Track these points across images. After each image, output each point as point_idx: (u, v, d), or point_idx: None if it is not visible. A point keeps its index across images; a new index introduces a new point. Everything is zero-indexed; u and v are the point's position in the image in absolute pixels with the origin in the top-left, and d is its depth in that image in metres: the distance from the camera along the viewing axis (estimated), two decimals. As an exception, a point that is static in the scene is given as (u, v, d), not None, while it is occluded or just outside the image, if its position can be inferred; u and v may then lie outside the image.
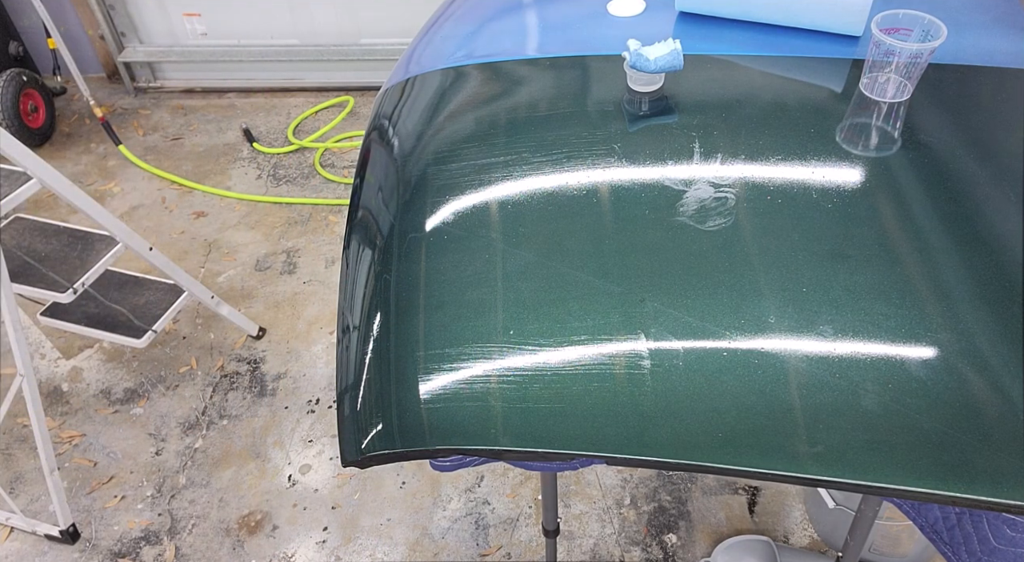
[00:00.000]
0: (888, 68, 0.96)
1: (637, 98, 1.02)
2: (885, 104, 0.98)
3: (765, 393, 0.74)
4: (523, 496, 1.81)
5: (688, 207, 0.88)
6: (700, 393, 0.74)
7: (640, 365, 0.76)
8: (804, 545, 1.69)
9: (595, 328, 0.79)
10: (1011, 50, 1.05)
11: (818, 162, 0.91)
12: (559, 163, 0.95)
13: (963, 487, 0.68)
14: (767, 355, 0.76)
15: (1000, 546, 0.93)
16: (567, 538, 1.72)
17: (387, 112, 1.12)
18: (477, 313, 0.82)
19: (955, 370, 0.73)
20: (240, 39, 3.02)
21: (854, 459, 0.70)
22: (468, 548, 1.72)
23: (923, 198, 0.87)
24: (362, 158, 1.07)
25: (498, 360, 0.79)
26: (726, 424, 0.73)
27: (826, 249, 0.82)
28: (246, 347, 2.23)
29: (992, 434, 0.69)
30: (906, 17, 0.96)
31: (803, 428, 0.72)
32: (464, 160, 0.98)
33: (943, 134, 0.94)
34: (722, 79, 1.05)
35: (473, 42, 1.18)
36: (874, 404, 0.72)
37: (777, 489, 1.79)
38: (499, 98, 1.07)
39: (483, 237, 0.89)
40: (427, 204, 0.95)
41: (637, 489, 1.80)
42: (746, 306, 0.79)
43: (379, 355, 0.81)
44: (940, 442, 0.70)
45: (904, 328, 0.76)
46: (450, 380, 0.79)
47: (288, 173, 2.76)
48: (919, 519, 1.04)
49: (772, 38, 1.09)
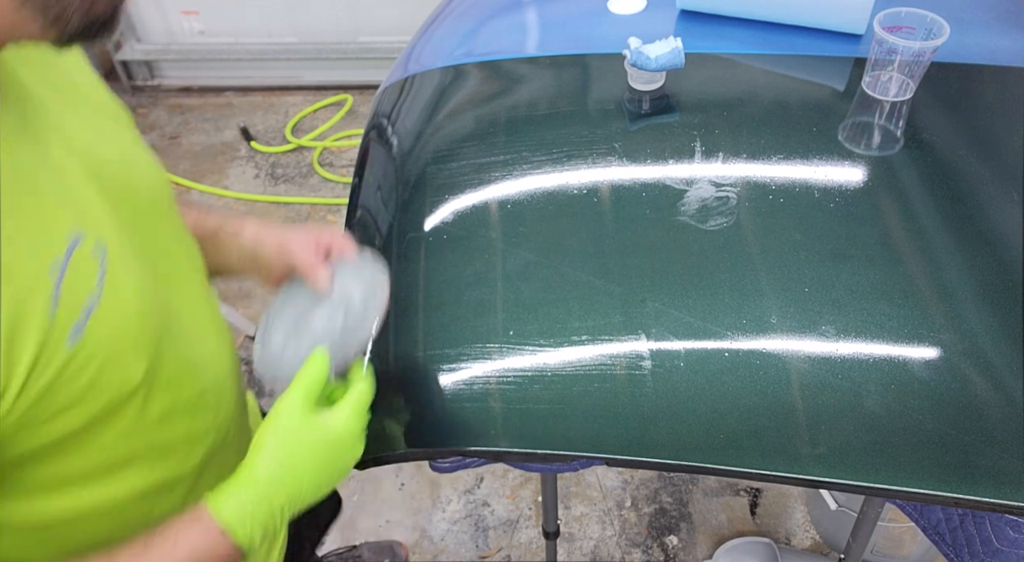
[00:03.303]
0: (890, 66, 0.95)
1: (638, 96, 1.02)
2: (887, 103, 0.97)
3: (767, 394, 0.73)
4: (523, 498, 1.80)
5: (689, 206, 0.87)
6: (701, 394, 0.74)
7: (641, 366, 0.76)
8: (806, 547, 1.69)
9: (596, 328, 0.78)
10: (1014, 48, 1.04)
11: (820, 161, 0.90)
12: (559, 162, 0.94)
13: (966, 488, 0.67)
14: (769, 356, 0.75)
15: (1003, 548, 0.92)
16: (567, 540, 1.71)
17: (386, 111, 1.12)
18: (477, 313, 0.82)
19: (958, 371, 0.73)
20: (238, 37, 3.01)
21: (856, 460, 0.70)
22: (468, 550, 1.71)
23: (926, 197, 0.86)
24: (361, 157, 1.07)
25: (498, 360, 0.78)
26: (728, 425, 0.72)
27: (828, 249, 0.82)
28: (244, 348, 2.22)
29: (995, 435, 0.69)
30: (908, 15, 0.95)
31: (805, 429, 0.71)
32: (464, 159, 0.98)
33: (946, 133, 0.93)
34: (723, 77, 1.04)
35: (473, 40, 1.17)
36: (876, 405, 0.72)
37: (779, 491, 1.78)
38: (499, 97, 1.07)
39: (483, 237, 0.88)
40: (426, 203, 0.94)
41: (638, 491, 1.80)
42: (748, 306, 0.78)
43: (378, 356, 0.80)
44: (943, 443, 0.69)
45: (907, 329, 0.75)
46: (449, 381, 0.78)
47: (286, 172, 2.76)
48: (921, 521, 1.04)
49: (774, 36, 1.09)
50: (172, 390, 0.61)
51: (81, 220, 0.52)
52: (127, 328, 0.54)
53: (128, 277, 0.55)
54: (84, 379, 0.51)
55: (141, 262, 0.58)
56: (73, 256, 0.50)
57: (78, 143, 0.56)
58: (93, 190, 0.55)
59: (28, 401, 0.48)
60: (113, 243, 0.54)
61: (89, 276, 0.51)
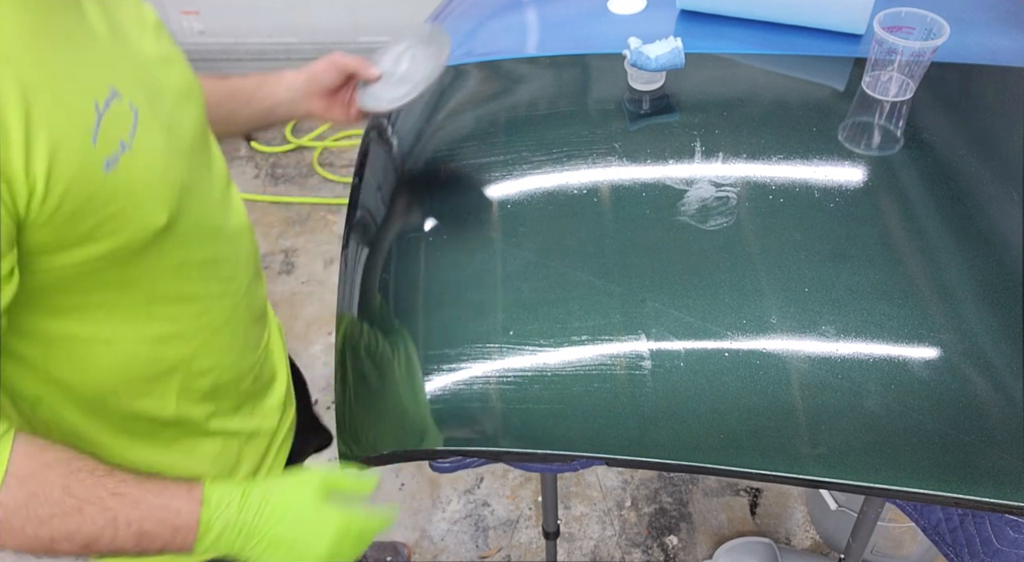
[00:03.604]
0: (890, 66, 0.95)
1: (638, 96, 1.02)
2: (887, 103, 0.97)
3: (767, 394, 0.73)
4: (523, 498, 1.80)
5: (689, 206, 0.87)
6: (701, 394, 0.74)
7: (641, 366, 0.76)
8: (806, 547, 1.69)
9: (596, 328, 0.78)
10: (1014, 48, 1.04)
11: (820, 161, 0.90)
12: (559, 162, 0.94)
13: (966, 488, 0.67)
14: (769, 356, 0.75)
15: (1003, 548, 0.92)
16: (567, 540, 1.71)
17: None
18: (477, 313, 0.82)
19: (958, 371, 0.73)
20: (238, 37, 3.01)
21: (856, 460, 0.70)
22: (468, 550, 1.71)
23: (926, 197, 0.86)
24: (361, 157, 1.07)
25: (498, 360, 0.78)
26: (728, 425, 0.72)
27: (828, 249, 0.82)
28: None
29: (995, 435, 0.69)
30: (908, 15, 0.95)
31: (805, 429, 0.71)
32: (464, 159, 0.98)
33: (946, 133, 0.93)
34: (723, 77, 1.04)
35: (473, 40, 1.17)
36: (876, 405, 0.72)
37: (779, 491, 1.78)
38: (499, 96, 1.07)
39: (483, 236, 0.88)
40: (426, 203, 0.95)
41: (638, 491, 1.80)
42: (748, 306, 0.78)
43: (379, 355, 0.80)
44: (943, 443, 0.69)
45: (907, 329, 0.75)
46: (450, 381, 0.78)
47: (286, 172, 2.76)
48: (921, 521, 1.04)
49: (774, 36, 1.09)
50: (189, 246, 0.69)
51: (117, 80, 0.60)
52: (153, 175, 0.62)
53: (155, 138, 0.63)
54: (113, 207, 0.58)
55: (166, 135, 0.65)
56: (112, 104, 0.58)
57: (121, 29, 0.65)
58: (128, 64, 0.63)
59: (64, 216, 0.55)
60: (144, 109, 0.62)
61: (125, 123, 0.59)
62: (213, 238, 0.73)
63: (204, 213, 0.71)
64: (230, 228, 0.77)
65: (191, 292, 0.71)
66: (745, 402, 0.73)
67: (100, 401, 0.69)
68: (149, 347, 0.69)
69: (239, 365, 0.80)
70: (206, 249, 0.72)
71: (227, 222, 0.76)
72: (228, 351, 0.78)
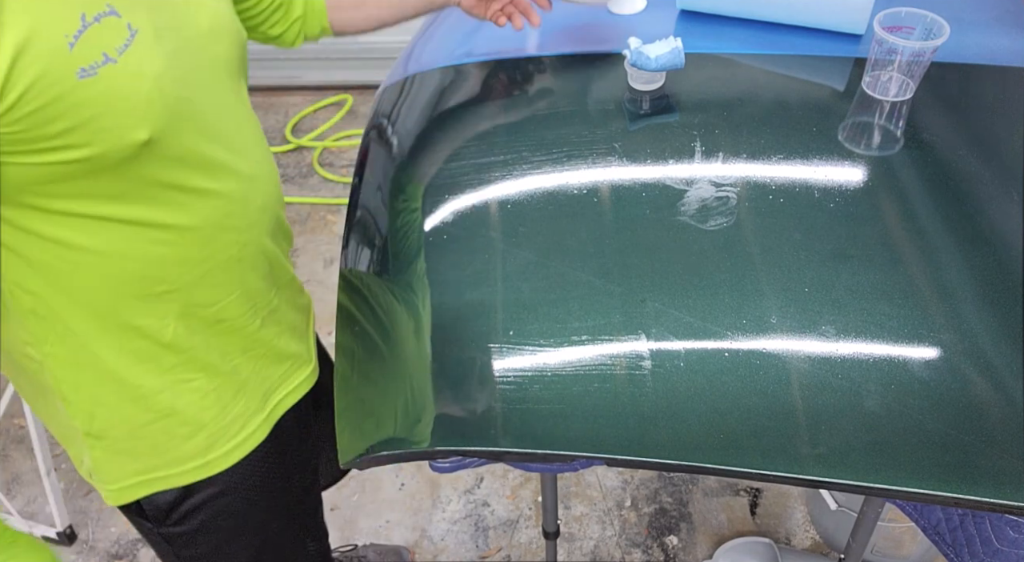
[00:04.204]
0: (890, 66, 0.95)
1: (638, 96, 1.02)
2: (887, 103, 0.97)
3: (767, 394, 0.73)
4: (523, 498, 1.80)
5: (689, 206, 0.87)
6: (701, 394, 0.74)
7: (641, 366, 0.76)
8: (806, 547, 1.69)
9: (596, 328, 0.78)
10: (1014, 48, 1.04)
11: (820, 161, 0.90)
12: (559, 162, 0.94)
13: (966, 488, 0.67)
14: (769, 356, 0.75)
15: (1003, 548, 0.92)
16: (567, 540, 1.71)
17: (386, 111, 1.12)
18: (477, 313, 0.82)
19: (958, 371, 0.73)
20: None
21: (856, 460, 0.70)
22: (468, 550, 1.71)
23: (926, 197, 0.86)
24: (361, 157, 1.07)
25: (498, 360, 0.78)
26: (728, 425, 0.72)
27: (828, 249, 0.82)
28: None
29: (995, 435, 0.69)
30: (908, 15, 0.95)
31: (805, 429, 0.71)
32: (464, 159, 0.98)
33: (946, 133, 0.93)
34: (723, 77, 1.04)
35: (473, 40, 1.17)
36: (877, 405, 0.72)
37: (779, 491, 1.78)
38: (499, 96, 1.07)
39: (483, 237, 0.88)
40: (426, 203, 0.95)
41: (638, 491, 1.80)
42: (748, 306, 0.78)
43: (379, 356, 0.80)
44: (943, 443, 0.69)
45: (907, 329, 0.75)
46: (450, 381, 0.78)
47: (286, 172, 2.75)
48: (921, 521, 1.04)
49: (774, 36, 1.09)
50: (180, 171, 0.70)
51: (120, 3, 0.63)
52: (137, 93, 0.63)
53: (153, 61, 0.65)
54: (86, 113, 0.60)
55: (169, 62, 0.67)
56: (105, 20, 0.61)
57: None
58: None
59: (26, 112, 0.57)
60: (146, 33, 0.65)
61: (115, 40, 0.62)
62: (213, 172, 0.74)
63: (205, 145, 0.72)
64: (242, 170, 0.77)
65: (187, 221, 0.72)
66: (745, 402, 0.73)
67: (99, 311, 0.72)
68: (142, 266, 0.71)
69: (246, 308, 0.82)
70: (204, 181, 0.73)
71: (238, 163, 0.77)
72: (233, 290, 0.79)
